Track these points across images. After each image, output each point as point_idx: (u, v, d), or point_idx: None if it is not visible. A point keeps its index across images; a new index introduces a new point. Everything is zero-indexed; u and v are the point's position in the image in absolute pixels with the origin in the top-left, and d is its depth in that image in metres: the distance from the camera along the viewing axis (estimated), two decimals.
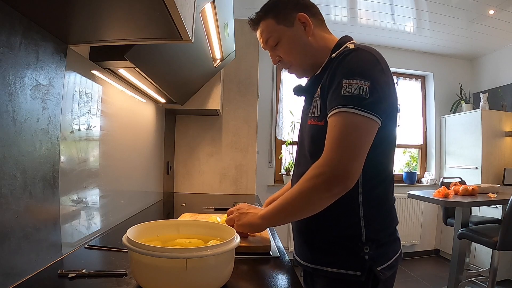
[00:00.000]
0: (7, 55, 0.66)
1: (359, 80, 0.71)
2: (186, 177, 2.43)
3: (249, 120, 2.48)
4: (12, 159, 0.68)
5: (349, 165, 0.70)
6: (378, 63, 0.76)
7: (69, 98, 0.93)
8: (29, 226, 0.74)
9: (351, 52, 0.76)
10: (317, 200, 0.74)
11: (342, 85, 0.72)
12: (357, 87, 0.71)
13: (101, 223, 1.18)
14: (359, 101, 0.70)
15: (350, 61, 0.75)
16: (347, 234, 0.80)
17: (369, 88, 0.71)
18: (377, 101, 0.72)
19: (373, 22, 3.21)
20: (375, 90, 0.72)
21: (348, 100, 0.71)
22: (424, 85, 4.01)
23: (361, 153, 0.72)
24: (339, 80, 0.73)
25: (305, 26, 0.87)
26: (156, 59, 1.20)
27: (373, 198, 0.80)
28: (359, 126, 0.71)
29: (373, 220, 0.79)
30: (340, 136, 0.71)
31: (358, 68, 0.73)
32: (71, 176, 0.96)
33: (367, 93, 0.71)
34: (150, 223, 0.80)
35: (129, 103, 1.48)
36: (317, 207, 0.75)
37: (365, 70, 0.73)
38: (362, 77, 0.72)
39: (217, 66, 1.78)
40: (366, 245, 0.78)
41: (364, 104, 0.70)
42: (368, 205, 0.79)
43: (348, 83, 0.71)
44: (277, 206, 0.80)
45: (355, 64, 0.74)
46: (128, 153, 1.50)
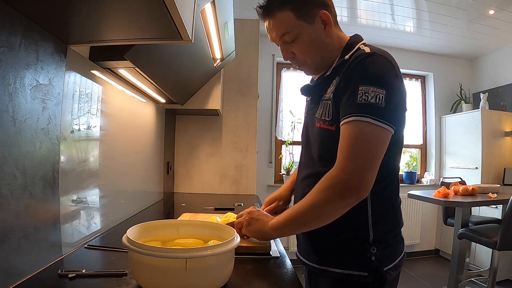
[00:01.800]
0: (7, 55, 0.66)
1: (376, 88, 0.70)
2: (186, 177, 2.43)
3: (249, 120, 2.48)
4: (12, 159, 0.68)
5: (363, 176, 0.69)
6: (393, 69, 0.75)
7: (69, 98, 0.93)
8: (29, 226, 0.74)
9: (368, 57, 0.74)
10: (331, 211, 0.73)
11: (358, 92, 0.70)
12: (374, 96, 0.69)
13: (101, 223, 1.18)
14: (375, 110, 0.69)
15: (367, 66, 0.73)
16: (354, 236, 0.79)
17: (385, 97, 0.70)
18: (392, 110, 0.71)
19: (373, 22, 3.21)
20: (390, 99, 0.71)
21: (364, 108, 0.69)
22: (424, 85, 4.01)
23: (375, 164, 0.71)
24: (355, 86, 0.71)
25: (326, 25, 0.83)
26: (156, 59, 1.20)
27: (382, 200, 0.80)
28: (374, 136, 0.70)
29: (381, 222, 0.79)
30: (354, 146, 0.70)
31: (375, 75, 0.72)
32: (71, 176, 0.96)
33: (383, 102, 0.69)
34: (150, 223, 0.80)
35: (129, 103, 1.48)
36: (331, 218, 0.74)
37: (382, 77, 0.71)
38: (379, 85, 0.70)
39: (217, 66, 1.78)
40: (373, 246, 0.78)
41: (380, 114, 0.69)
42: (377, 207, 0.79)
43: (365, 91, 0.70)
44: (289, 217, 0.79)
45: (372, 71, 0.72)
46: (128, 153, 1.50)
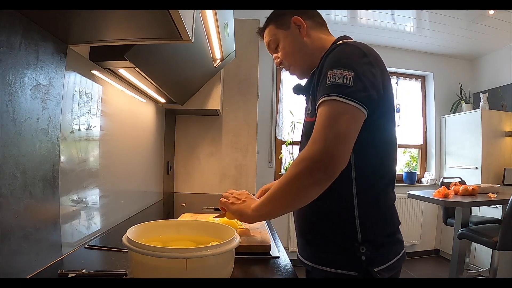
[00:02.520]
0: (7, 55, 0.66)
1: (342, 70, 0.72)
2: (186, 177, 2.43)
3: (249, 120, 2.48)
4: (12, 159, 0.68)
5: (332, 149, 0.68)
6: (365, 55, 0.76)
7: (69, 98, 0.93)
8: (29, 226, 0.74)
9: (338, 46, 0.79)
10: (301, 187, 0.71)
11: (327, 76, 0.73)
12: (341, 77, 0.71)
13: (101, 223, 1.18)
14: (342, 89, 0.71)
15: (335, 54, 0.77)
16: (343, 234, 0.80)
17: (353, 77, 0.71)
18: (361, 90, 0.71)
19: (373, 22, 3.21)
20: (359, 80, 0.71)
21: (331, 89, 0.72)
22: (424, 85, 4.01)
23: (346, 139, 0.70)
24: (324, 73, 0.75)
25: (300, 28, 0.92)
26: (156, 59, 1.20)
27: (369, 199, 0.79)
28: (342, 113, 0.70)
29: (369, 221, 0.79)
30: (323, 123, 0.71)
31: (342, 59, 0.74)
32: (71, 176, 0.96)
33: (351, 82, 0.71)
34: (150, 223, 0.80)
35: (129, 103, 1.48)
36: (303, 196, 0.73)
37: (349, 61, 0.74)
38: (346, 67, 0.72)
39: (217, 66, 1.78)
40: (362, 246, 0.78)
41: (347, 92, 0.70)
42: (364, 206, 0.79)
43: (332, 74, 0.73)
44: (267, 198, 0.80)
45: (339, 56, 0.76)
46: (128, 153, 1.50)
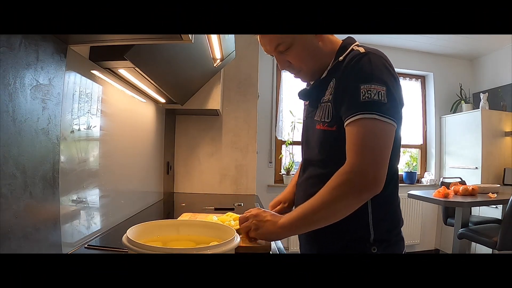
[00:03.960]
0: (7, 55, 0.66)
1: (376, 85, 0.71)
2: (186, 177, 2.43)
3: (249, 120, 2.48)
4: (12, 159, 0.68)
5: (377, 172, 0.70)
6: (389, 67, 0.76)
7: (69, 98, 0.93)
8: (29, 226, 0.74)
9: (364, 56, 0.76)
10: (345, 207, 0.73)
11: (361, 91, 0.72)
12: (376, 93, 0.71)
13: (101, 223, 1.18)
14: (379, 106, 0.71)
15: (364, 65, 0.75)
16: (356, 237, 0.80)
17: (386, 93, 0.72)
18: (393, 106, 0.73)
19: None
20: (391, 95, 0.72)
21: (369, 106, 0.71)
22: (424, 85, 4.01)
23: (386, 159, 0.72)
24: (355, 86, 0.73)
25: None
26: (156, 59, 1.20)
27: (382, 199, 0.79)
28: (383, 132, 0.71)
29: (381, 221, 0.80)
30: (365, 143, 0.71)
31: (373, 72, 0.73)
32: (71, 176, 0.96)
33: (385, 98, 0.71)
34: (150, 223, 0.80)
35: (129, 103, 1.48)
36: (343, 215, 0.74)
37: (380, 74, 0.73)
38: (379, 82, 0.72)
39: (217, 66, 1.78)
40: (373, 246, 0.78)
41: (384, 110, 0.71)
42: (377, 206, 0.79)
43: (367, 89, 0.71)
44: (300, 215, 0.77)
45: (369, 69, 0.74)
46: (128, 153, 1.50)
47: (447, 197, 2.46)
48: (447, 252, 3.52)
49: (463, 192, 2.54)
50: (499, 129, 3.37)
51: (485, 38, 3.37)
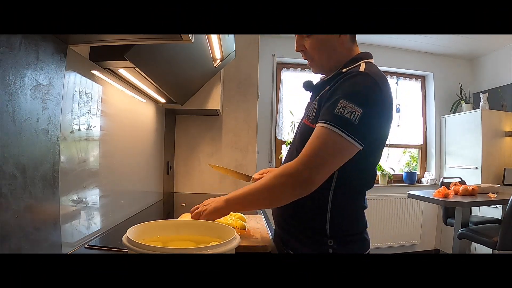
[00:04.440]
0: (7, 55, 0.66)
1: (354, 106, 0.75)
2: (186, 177, 2.43)
3: (249, 120, 2.48)
4: (12, 159, 0.68)
5: (314, 175, 0.77)
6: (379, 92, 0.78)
7: (69, 98, 0.93)
8: (29, 226, 0.74)
9: (358, 75, 0.79)
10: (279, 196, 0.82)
11: (338, 104, 0.76)
12: (350, 111, 0.75)
13: (101, 223, 1.18)
14: (346, 124, 0.75)
15: (353, 83, 0.78)
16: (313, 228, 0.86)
17: (361, 116, 0.75)
18: (363, 130, 0.76)
19: None
20: (365, 119, 0.75)
21: (337, 119, 0.76)
22: (424, 85, 4.01)
23: (329, 169, 0.78)
24: (337, 98, 0.77)
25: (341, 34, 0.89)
26: (156, 59, 1.20)
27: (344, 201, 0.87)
28: (337, 146, 0.76)
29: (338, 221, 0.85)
30: (317, 148, 0.77)
31: (358, 94, 0.77)
32: (71, 176, 0.96)
33: (357, 120, 0.75)
34: (150, 223, 0.80)
35: (129, 103, 1.48)
36: (278, 203, 0.86)
37: (364, 97, 0.76)
38: (358, 104, 0.75)
39: (217, 66, 1.78)
40: (330, 239, 0.84)
41: (350, 129, 0.75)
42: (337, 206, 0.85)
43: (343, 105, 0.76)
44: (243, 194, 0.86)
45: (356, 89, 0.77)
46: (128, 153, 1.50)
47: (447, 197, 2.46)
48: (447, 252, 3.52)
49: (463, 192, 2.54)
50: (499, 129, 3.37)
51: (485, 38, 3.37)
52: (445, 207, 2.92)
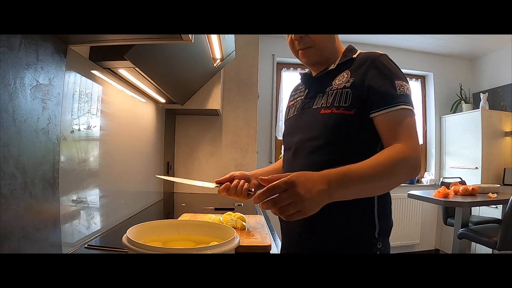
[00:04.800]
0: (7, 55, 0.66)
1: (404, 82, 0.84)
2: (186, 177, 2.43)
3: (249, 120, 2.48)
4: (12, 159, 0.68)
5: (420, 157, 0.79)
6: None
7: (69, 98, 0.93)
8: (29, 226, 0.74)
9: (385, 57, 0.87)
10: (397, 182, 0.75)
11: (396, 85, 0.82)
12: (406, 88, 0.83)
13: (101, 223, 1.18)
14: (409, 99, 0.83)
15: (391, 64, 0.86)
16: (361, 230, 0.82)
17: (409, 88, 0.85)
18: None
19: None
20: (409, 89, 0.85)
21: (405, 99, 0.82)
22: (424, 85, 4.01)
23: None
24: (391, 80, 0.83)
25: None
26: (156, 59, 1.20)
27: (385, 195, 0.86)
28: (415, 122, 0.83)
29: (384, 214, 0.84)
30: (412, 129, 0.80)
31: (400, 71, 0.86)
32: (71, 176, 0.96)
33: (411, 94, 0.84)
34: (150, 223, 0.80)
35: (129, 103, 1.48)
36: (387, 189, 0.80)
37: (401, 73, 0.86)
38: (405, 79, 0.85)
39: (217, 66, 1.78)
40: (379, 241, 0.83)
41: (411, 102, 0.83)
42: (381, 199, 0.84)
43: (400, 84, 0.83)
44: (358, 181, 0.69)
45: (396, 68, 0.86)
46: (128, 153, 1.50)
47: (447, 197, 2.46)
48: (447, 252, 3.52)
49: (463, 192, 2.53)
50: (499, 129, 3.37)
51: (485, 38, 3.37)
52: (445, 207, 2.93)
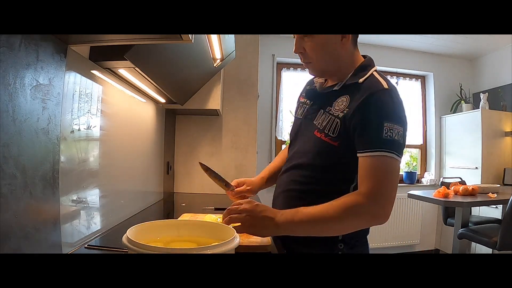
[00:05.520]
0: (7, 55, 0.66)
1: (397, 126, 0.78)
2: (186, 177, 2.43)
3: (249, 120, 2.48)
4: (12, 159, 0.68)
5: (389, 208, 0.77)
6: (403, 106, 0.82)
7: (69, 98, 0.93)
8: (29, 226, 0.74)
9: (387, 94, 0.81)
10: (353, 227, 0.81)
11: (384, 128, 0.77)
12: (396, 133, 0.77)
13: (101, 223, 1.18)
14: (397, 146, 0.77)
15: (389, 103, 0.80)
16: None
17: (402, 133, 0.79)
18: (404, 145, 0.80)
19: None
20: (405, 135, 0.80)
21: (390, 144, 0.77)
22: (424, 85, 4.01)
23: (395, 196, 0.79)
24: (379, 122, 0.78)
25: (343, 37, 0.87)
26: (156, 59, 1.20)
27: None
28: (396, 171, 0.79)
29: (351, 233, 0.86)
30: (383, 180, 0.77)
31: (396, 112, 0.80)
32: (71, 176, 0.96)
33: (402, 139, 0.79)
34: (150, 223, 0.80)
35: (129, 103, 1.48)
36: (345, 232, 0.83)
37: (400, 115, 0.80)
38: (399, 122, 0.78)
39: (217, 66, 1.78)
40: (340, 243, 0.85)
41: (399, 150, 0.78)
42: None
43: (389, 127, 0.77)
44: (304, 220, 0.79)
45: (393, 108, 0.80)
46: (128, 153, 1.50)
47: (447, 197, 2.46)
48: (447, 252, 3.52)
49: (463, 192, 2.53)
50: (499, 129, 3.37)
51: (485, 38, 3.37)
52: (445, 207, 2.93)
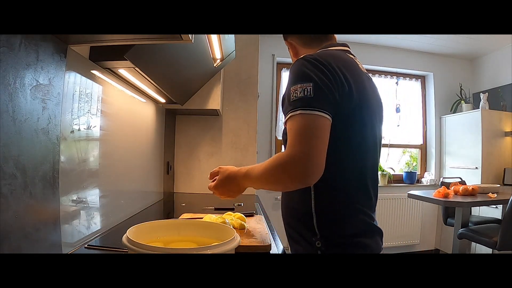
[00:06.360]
0: (7, 55, 0.66)
1: (302, 83, 0.74)
2: (186, 177, 2.43)
3: (249, 120, 2.48)
4: (12, 159, 0.68)
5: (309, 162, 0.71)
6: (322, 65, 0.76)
7: (69, 98, 0.93)
8: (29, 226, 0.74)
9: (297, 61, 0.80)
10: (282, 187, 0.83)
11: (290, 93, 0.76)
12: (301, 90, 0.74)
13: (101, 223, 1.18)
14: (304, 101, 0.73)
15: (294, 68, 0.79)
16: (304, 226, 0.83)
17: (313, 88, 0.73)
18: (323, 97, 0.73)
19: None
20: (319, 88, 0.73)
21: (296, 104, 0.74)
22: (424, 85, 4.01)
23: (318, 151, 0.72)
24: (287, 90, 0.78)
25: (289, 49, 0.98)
26: (156, 59, 1.20)
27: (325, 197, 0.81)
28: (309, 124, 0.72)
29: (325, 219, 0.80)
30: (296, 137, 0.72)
31: (300, 72, 0.76)
32: (71, 176, 0.96)
33: (312, 93, 0.73)
34: (151, 223, 0.80)
35: (129, 103, 1.48)
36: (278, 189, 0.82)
37: (306, 73, 0.76)
38: (304, 80, 0.75)
39: (217, 66, 1.78)
40: (318, 240, 0.80)
41: (309, 103, 0.73)
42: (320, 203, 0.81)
43: (294, 89, 0.75)
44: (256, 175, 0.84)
45: (297, 70, 0.78)
46: (128, 153, 1.50)
47: (447, 197, 2.46)
48: (447, 252, 3.52)
49: (463, 192, 2.54)
50: (499, 129, 3.37)
51: (485, 38, 3.37)
52: (445, 207, 2.93)
